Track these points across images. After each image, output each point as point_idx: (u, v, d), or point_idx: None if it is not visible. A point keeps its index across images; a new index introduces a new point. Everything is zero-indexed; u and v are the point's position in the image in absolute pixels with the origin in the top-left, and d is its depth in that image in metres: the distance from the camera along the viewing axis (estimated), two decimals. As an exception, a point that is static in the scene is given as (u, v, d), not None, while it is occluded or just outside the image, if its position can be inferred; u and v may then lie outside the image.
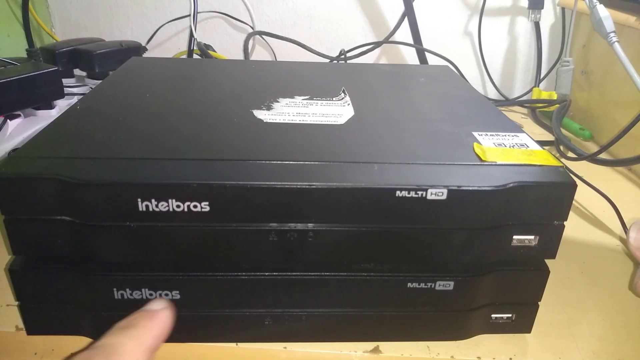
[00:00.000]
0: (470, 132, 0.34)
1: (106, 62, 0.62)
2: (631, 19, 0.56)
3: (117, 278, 0.28)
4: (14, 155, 0.28)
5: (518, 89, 0.84)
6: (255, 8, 0.79)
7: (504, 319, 0.32)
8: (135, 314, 0.26)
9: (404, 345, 0.31)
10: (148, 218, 0.26)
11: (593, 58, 0.68)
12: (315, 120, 0.35)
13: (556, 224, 0.28)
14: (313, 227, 0.27)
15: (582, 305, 0.36)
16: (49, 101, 0.53)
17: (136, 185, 0.26)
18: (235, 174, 0.27)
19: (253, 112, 0.36)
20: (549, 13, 0.78)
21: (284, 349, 0.31)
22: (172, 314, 0.27)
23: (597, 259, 0.41)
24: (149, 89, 0.41)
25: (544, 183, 0.28)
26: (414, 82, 0.48)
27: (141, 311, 0.27)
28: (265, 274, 0.29)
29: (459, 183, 0.27)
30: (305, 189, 0.26)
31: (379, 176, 0.27)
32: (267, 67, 0.52)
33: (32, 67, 0.49)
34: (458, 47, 0.81)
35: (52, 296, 0.29)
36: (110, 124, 0.33)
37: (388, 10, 0.79)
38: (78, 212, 0.26)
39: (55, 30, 0.81)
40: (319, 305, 0.30)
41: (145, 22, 0.81)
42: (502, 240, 0.29)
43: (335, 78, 0.47)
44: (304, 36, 0.77)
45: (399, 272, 0.29)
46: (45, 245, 0.27)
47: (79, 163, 0.27)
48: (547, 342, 0.32)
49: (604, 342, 0.33)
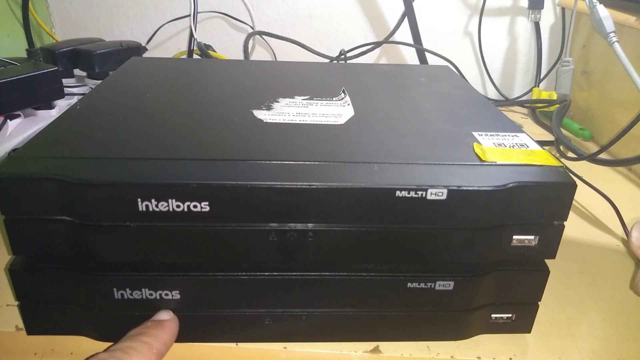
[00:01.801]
0: (470, 132, 0.34)
1: (106, 62, 0.62)
2: (631, 19, 0.56)
3: (117, 278, 0.28)
4: (14, 155, 0.28)
5: (518, 89, 0.84)
6: (255, 8, 0.79)
7: (504, 319, 0.32)
8: (145, 323, 0.28)
9: (404, 345, 0.31)
10: (148, 218, 0.26)
11: (593, 58, 0.68)
12: (315, 120, 0.35)
13: (556, 224, 0.28)
14: (313, 227, 0.27)
15: (582, 305, 0.36)
16: (49, 101, 0.53)
17: (136, 185, 0.26)
18: (235, 174, 0.27)
19: (253, 112, 0.36)
20: (549, 13, 0.78)
21: (284, 349, 0.31)
22: (177, 325, 0.29)
23: (597, 259, 0.41)
24: (148, 89, 0.41)
25: (544, 183, 0.28)
26: (414, 82, 0.48)
27: (150, 321, 0.28)
28: (265, 274, 0.29)
29: (459, 183, 0.27)
30: (305, 189, 0.26)
31: (379, 176, 0.27)
32: (267, 67, 0.52)
33: (32, 67, 0.49)
34: (458, 47, 0.81)
35: (52, 296, 0.29)
36: (110, 124, 0.33)
37: (388, 10, 0.79)
38: (78, 212, 0.26)
39: (55, 30, 0.81)
40: (319, 305, 0.30)
41: (145, 22, 0.81)
42: (502, 240, 0.29)
43: (335, 78, 0.47)
44: (304, 36, 0.77)
45: (399, 272, 0.29)
46: (45, 245, 0.27)
47: (79, 163, 0.27)
48: (547, 342, 0.32)
49: (604, 342, 0.33)
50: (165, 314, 0.29)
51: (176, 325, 0.29)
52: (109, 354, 0.25)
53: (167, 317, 0.29)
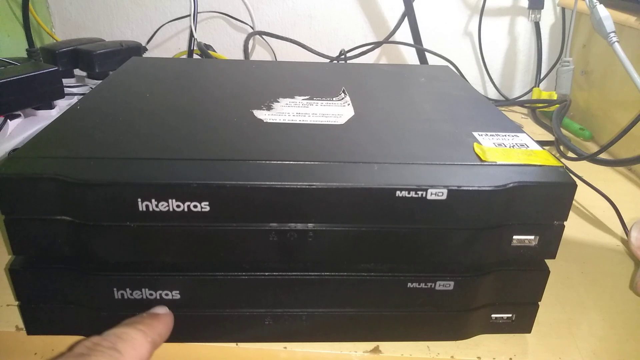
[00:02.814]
0: (470, 132, 0.34)
1: (106, 62, 0.62)
2: (631, 19, 0.56)
3: (117, 278, 0.28)
4: (14, 155, 0.28)
5: (518, 89, 0.84)
6: (255, 8, 0.79)
7: (504, 319, 0.32)
8: (141, 314, 0.28)
9: (404, 345, 0.31)
10: (148, 218, 0.26)
11: (593, 58, 0.68)
12: (315, 120, 0.35)
13: (556, 224, 0.28)
14: (313, 227, 0.27)
15: (582, 305, 0.36)
16: (49, 101, 0.53)
17: (136, 185, 0.26)
18: (235, 174, 0.27)
19: (253, 112, 0.36)
20: (549, 13, 0.78)
21: (284, 349, 0.31)
22: (172, 320, 0.29)
23: (597, 259, 0.41)
24: (148, 89, 0.41)
25: (544, 183, 0.28)
26: (414, 82, 0.48)
27: (146, 313, 0.29)
28: (265, 274, 0.29)
29: (459, 183, 0.27)
30: (305, 189, 0.26)
31: (379, 176, 0.27)
32: (267, 67, 0.52)
33: (32, 67, 0.49)
34: (458, 47, 0.81)
35: (52, 296, 0.29)
36: (110, 124, 0.33)
37: (388, 10, 0.79)
38: (78, 212, 0.26)
39: (55, 30, 0.81)
40: (319, 305, 0.30)
41: (145, 22, 0.81)
42: (502, 240, 0.29)
43: (335, 78, 0.47)
44: (303, 36, 0.77)
45: (399, 272, 0.29)
46: (45, 245, 0.27)
47: (79, 163, 0.27)
48: (547, 342, 0.32)
49: (604, 342, 0.33)
50: (161, 309, 0.29)
51: (171, 319, 0.29)
52: (103, 337, 0.26)
53: (163, 312, 0.29)
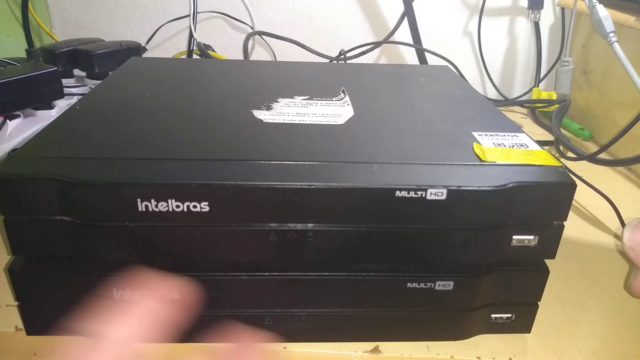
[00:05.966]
0: (470, 132, 0.34)
1: (106, 62, 0.62)
2: (631, 19, 0.56)
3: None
4: (13, 155, 0.28)
5: (518, 89, 0.84)
6: (255, 8, 0.79)
7: (503, 319, 0.32)
8: None
9: (404, 345, 0.31)
10: (148, 218, 0.26)
11: (593, 58, 0.68)
12: (314, 121, 0.35)
13: (556, 224, 0.28)
14: (313, 227, 0.27)
15: (582, 305, 0.36)
16: (48, 101, 0.53)
17: (136, 185, 0.26)
18: (234, 174, 0.27)
19: (253, 112, 0.36)
20: (549, 13, 0.78)
21: (283, 349, 0.31)
22: None
23: (596, 259, 0.41)
24: (148, 89, 0.41)
25: (544, 183, 0.28)
26: (414, 82, 0.48)
27: None
28: (265, 274, 0.29)
29: (458, 183, 0.27)
30: (304, 189, 0.26)
31: (379, 176, 0.27)
32: (266, 67, 0.52)
33: (32, 67, 0.49)
34: (458, 47, 0.81)
35: (52, 296, 0.29)
36: (110, 124, 0.33)
37: (388, 10, 0.79)
38: (78, 212, 0.26)
39: (55, 30, 0.81)
40: (319, 305, 0.30)
41: (145, 22, 0.81)
42: (501, 240, 0.29)
43: (335, 78, 0.47)
44: (303, 36, 0.77)
45: (399, 272, 0.29)
46: (45, 245, 0.27)
47: (79, 163, 0.27)
48: (547, 342, 0.32)
49: (604, 342, 0.33)
50: None
51: None
52: None
53: None
